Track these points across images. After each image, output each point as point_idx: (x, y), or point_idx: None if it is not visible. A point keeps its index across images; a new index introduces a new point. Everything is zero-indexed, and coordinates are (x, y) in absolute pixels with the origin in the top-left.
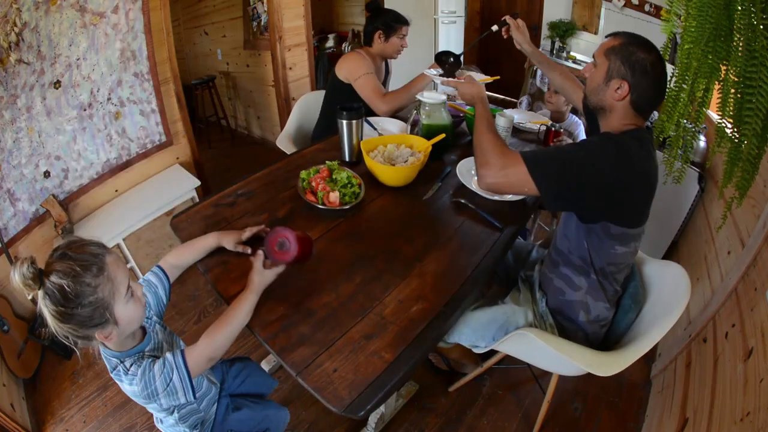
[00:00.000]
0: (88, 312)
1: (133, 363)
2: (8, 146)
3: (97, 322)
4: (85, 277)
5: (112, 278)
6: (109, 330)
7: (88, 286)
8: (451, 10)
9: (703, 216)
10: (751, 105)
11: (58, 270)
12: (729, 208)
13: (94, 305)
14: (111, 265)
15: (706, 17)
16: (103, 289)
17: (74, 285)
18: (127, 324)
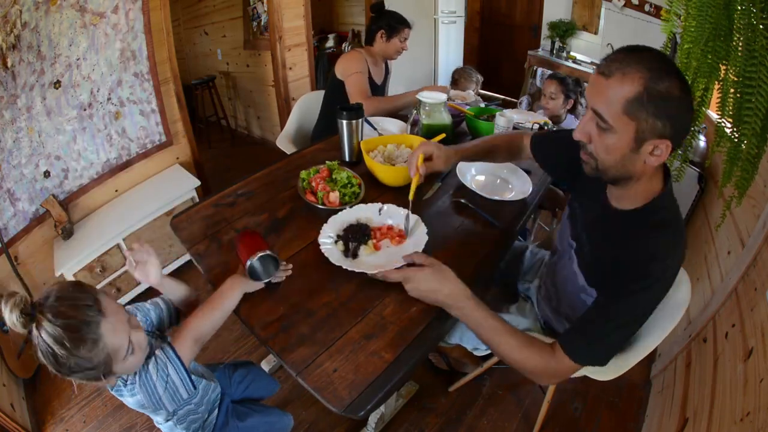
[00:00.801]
0: (83, 375)
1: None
2: (8, 146)
3: (95, 377)
4: (77, 352)
5: (109, 348)
6: (108, 380)
7: (81, 359)
8: (451, 10)
9: (703, 216)
10: (751, 105)
11: (49, 332)
12: (728, 207)
13: (90, 372)
14: (107, 334)
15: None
16: (97, 360)
17: (66, 357)
18: (126, 371)
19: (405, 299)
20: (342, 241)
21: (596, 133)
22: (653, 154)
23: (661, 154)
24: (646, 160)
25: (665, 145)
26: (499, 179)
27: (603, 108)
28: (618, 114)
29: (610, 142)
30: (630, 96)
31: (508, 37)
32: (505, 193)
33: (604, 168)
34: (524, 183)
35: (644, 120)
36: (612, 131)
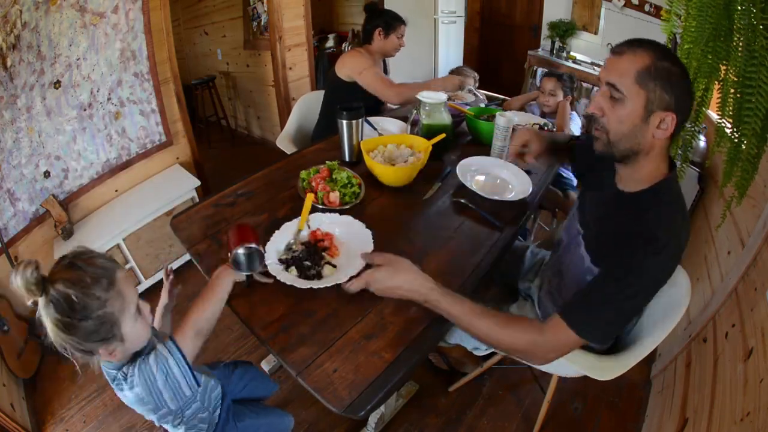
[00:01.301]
0: (94, 325)
1: (131, 367)
2: (8, 146)
3: (103, 337)
4: (94, 290)
5: (123, 294)
6: (114, 347)
7: (97, 299)
8: (451, 10)
9: (703, 216)
10: (751, 105)
11: (65, 278)
12: (728, 207)
13: (101, 319)
14: (122, 281)
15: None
16: (112, 304)
17: (83, 296)
18: (133, 342)
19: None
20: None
21: (609, 106)
22: (660, 127)
23: (668, 127)
24: (654, 134)
25: (671, 118)
26: (499, 179)
27: (617, 79)
28: (631, 83)
29: (623, 113)
30: (640, 67)
31: (508, 37)
32: (505, 193)
33: (616, 140)
34: (524, 183)
35: (653, 90)
36: (624, 101)
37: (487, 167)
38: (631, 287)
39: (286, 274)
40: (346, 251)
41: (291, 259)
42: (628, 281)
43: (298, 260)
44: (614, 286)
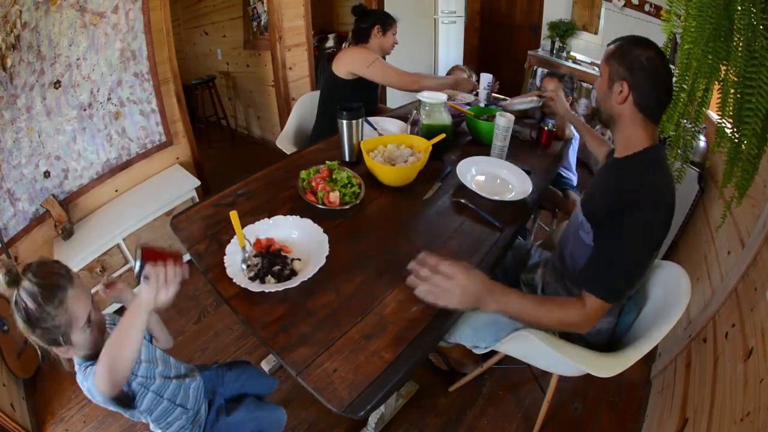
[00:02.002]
0: (46, 332)
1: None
2: (8, 146)
3: (54, 342)
4: (45, 307)
5: (71, 312)
6: (65, 349)
7: (47, 314)
8: (451, 10)
9: (703, 216)
10: (751, 105)
11: (26, 289)
12: (728, 208)
13: (51, 330)
14: (71, 300)
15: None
16: (60, 320)
17: (36, 310)
18: (83, 346)
19: (405, 299)
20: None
21: (598, 81)
22: (620, 95)
23: (623, 94)
24: (615, 99)
25: (625, 87)
26: (499, 179)
27: (600, 63)
28: (602, 63)
29: (599, 83)
30: (611, 51)
31: (508, 37)
32: (505, 193)
33: (599, 103)
34: (524, 183)
35: (613, 65)
36: (601, 76)
37: (487, 167)
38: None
39: (267, 285)
40: (295, 244)
41: (260, 272)
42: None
43: (267, 269)
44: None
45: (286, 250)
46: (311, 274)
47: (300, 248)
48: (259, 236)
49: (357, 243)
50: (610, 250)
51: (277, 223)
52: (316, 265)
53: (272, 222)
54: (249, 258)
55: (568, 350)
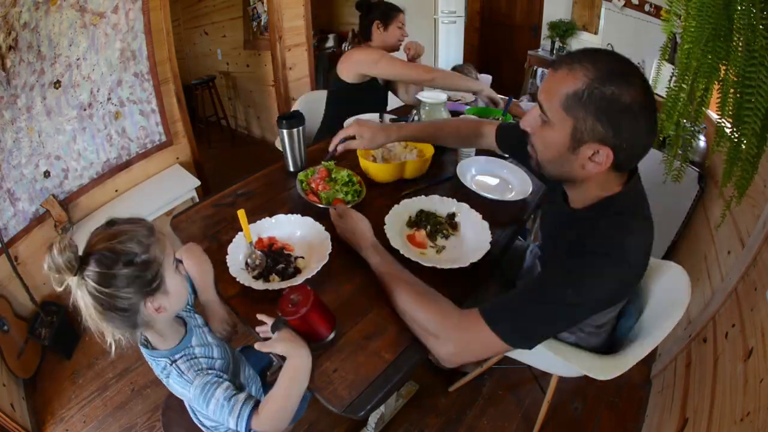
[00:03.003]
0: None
1: (186, 362)
2: (8, 146)
3: (154, 285)
4: (136, 234)
5: (162, 242)
6: (162, 300)
7: (140, 243)
8: (451, 10)
9: (703, 216)
10: (750, 105)
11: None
12: (728, 207)
13: (146, 263)
14: (159, 233)
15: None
16: (155, 250)
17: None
18: (176, 297)
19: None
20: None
21: (539, 125)
22: (593, 160)
23: (602, 162)
24: (585, 165)
25: (605, 153)
26: (499, 179)
27: (544, 100)
28: (557, 108)
29: (549, 137)
30: (569, 91)
31: (508, 37)
32: (505, 193)
33: (543, 163)
34: (524, 183)
35: (582, 119)
36: (550, 125)
37: (488, 167)
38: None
39: (271, 284)
40: (298, 242)
41: (265, 270)
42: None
43: (272, 268)
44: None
45: (288, 248)
46: (315, 272)
47: (302, 247)
48: (261, 235)
49: None
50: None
51: (279, 221)
52: (319, 262)
53: (274, 221)
54: (253, 255)
55: (567, 353)
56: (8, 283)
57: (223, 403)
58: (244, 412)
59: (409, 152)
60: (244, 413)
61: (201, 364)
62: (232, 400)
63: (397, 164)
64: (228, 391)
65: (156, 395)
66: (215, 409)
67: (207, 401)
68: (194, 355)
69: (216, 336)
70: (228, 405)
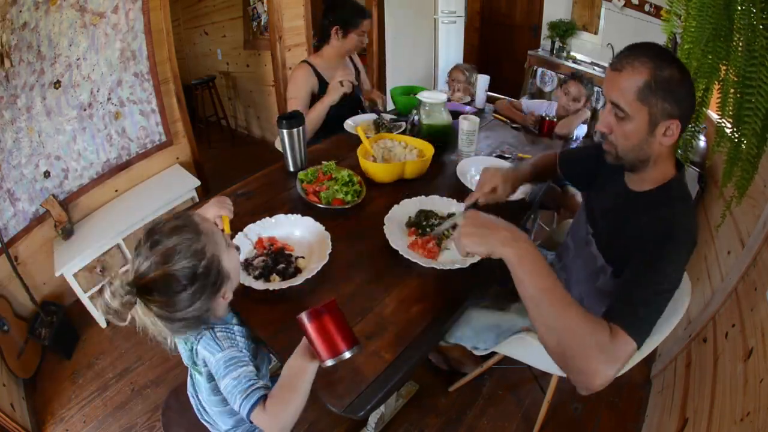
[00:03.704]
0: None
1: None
2: (8, 146)
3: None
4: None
5: (210, 233)
6: (226, 287)
7: (195, 253)
8: (451, 10)
9: (703, 216)
10: (751, 105)
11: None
12: (728, 207)
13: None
14: (202, 223)
15: (706, 17)
16: (209, 249)
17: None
18: (235, 273)
19: (405, 299)
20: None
21: (615, 122)
22: (666, 134)
23: (673, 134)
24: (661, 141)
25: (675, 125)
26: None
27: (619, 98)
28: (632, 101)
29: (628, 129)
30: (641, 84)
31: (508, 37)
32: None
33: (624, 153)
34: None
35: (655, 104)
36: (629, 119)
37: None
38: (661, 285)
39: (271, 284)
40: (298, 242)
41: (265, 270)
42: (658, 280)
43: (272, 268)
44: (649, 288)
45: (288, 248)
46: (315, 272)
47: (302, 247)
48: (261, 235)
49: (357, 243)
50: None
51: (279, 221)
52: (319, 262)
53: (274, 221)
54: (252, 256)
55: None
56: (8, 283)
57: (243, 380)
58: (253, 397)
59: (409, 152)
60: (252, 398)
61: (237, 341)
62: (251, 381)
63: (397, 164)
64: (252, 374)
65: (156, 395)
66: (230, 383)
67: (228, 372)
68: (233, 332)
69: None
70: (245, 383)
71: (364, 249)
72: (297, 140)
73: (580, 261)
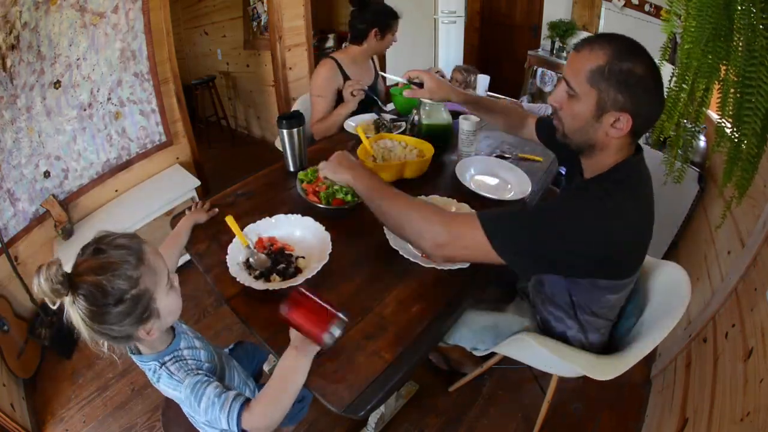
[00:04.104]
0: (130, 307)
1: (175, 363)
2: (8, 146)
3: (140, 317)
4: (124, 269)
5: (154, 268)
6: (153, 325)
7: (129, 279)
8: (451, 10)
9: (703, 216)
10: (751, 105)
11: (92, 267)
12: (729, 208)
13: (136, 299)
14: (150, 255)
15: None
16: (144, 280)
17: (114, 278)
18: (168, 315)
19: (405, 299)
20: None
21: (566, 100)
22: (614, 126)
23: (622, 127)
24: (608, 132)
25: (626, 119)
26: (498, 179)
27: (571, 76)
28: (582, 82)
29: (576, 109)
30: (593, 67)
31: (508, 37)
32: (504, 193)
33: (570, 133)
34: (523, 183)
35: (605, 91)
36: (577, 98)
37: (487, 167)
38: (555, 222)
39: (272, 284)
40: (298, 242)
41: (266, 271)
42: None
43: (272, 268)
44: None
45: (288, 248)
46: (315, 272)
47: (302, 247)
48: (261, 235)
49: (357, 243)
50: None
51: (279, 221)
52: (319, 262)
53: (274, 221)
54: (254, 255)
55: (567, 353)
56: (8, 283)
57: (214, 400)
58: (234, 409)
59: (409, 152)
60: (234, 409)
61: (190, 365)
62: (222, 396)
63: (397, 164)
64: (218, 389)
65: (156, 395)
66: (207, 408)
67: (198, 400)
68: (183, 356)
69: (203, 340)
70: (219, 401)
71: (364, 249)
72: (297, 140)
73: None
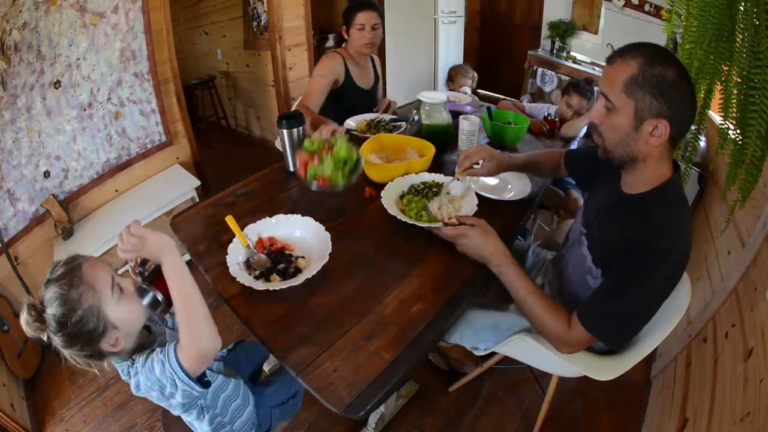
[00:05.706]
0: (84, 326)
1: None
2: (8, 146)
3: (98, 333)
4: (68, 295)
5: (92, 283)
6: (113, 336)
7: (72, 301)
8: (451, 10)
9: (703, 216)
10: (755, 107)
11: (48, 299)
12: (732, 212)
13: (85, 318)
14: (87, 271)
15: (708, 17)
16: (86, 299)
17: (62, 307)
18: (127, 323)
19: (405, 299)
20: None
21: (604, 114)
22: (653, 134)
23: (661, 134)
24: (648, 141)
25: (663, 125)
26: (498, 179)
27: (608, 89)
28: (619, 93)
29: (615, 121)
30: (627, 76)
31: (508, 37)
32: (505, 193)
33: (611, 146)
34: (523, 183)
35: (641, 99)
36: (615, 110)
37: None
38: (638, 292)
39: (272, 283)
40: (297, 242)
41: (266, 271)
42: (636, 287)
43: (272, 268)
44: (621, 292)
45: (289, 248)
46: (315, 272)
47: (302, 247)
48: (261, 235)
49: (357, 243)
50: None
51: (279, 221)
52: (319, 262)
53: (274, 221)
54: (254, 255)
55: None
56: (8, 283)
57: (158, 357)
58: (170, 351)
59: (409, 152)
60: (170, 352)
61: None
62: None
63: (397, 164)
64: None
65: None
66: (161, 372)
67: (152, 371)
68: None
69: None
70: (159, 356)
71: (364, 249)
72: (297, 140)
73: (572, 260)
